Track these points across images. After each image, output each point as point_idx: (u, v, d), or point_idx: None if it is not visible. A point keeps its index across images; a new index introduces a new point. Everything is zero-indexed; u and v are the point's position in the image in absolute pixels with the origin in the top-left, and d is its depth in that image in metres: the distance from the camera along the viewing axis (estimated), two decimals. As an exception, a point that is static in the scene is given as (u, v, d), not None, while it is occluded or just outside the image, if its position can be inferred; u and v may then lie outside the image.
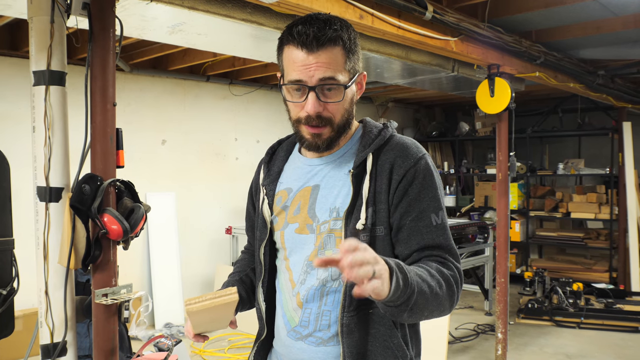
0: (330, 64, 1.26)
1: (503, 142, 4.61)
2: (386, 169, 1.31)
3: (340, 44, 1.27)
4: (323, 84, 1.26)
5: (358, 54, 1.35)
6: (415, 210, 1.29)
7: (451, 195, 8.56)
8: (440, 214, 1.31)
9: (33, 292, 2.09)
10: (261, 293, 1.46)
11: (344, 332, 1.28)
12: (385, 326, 1.29)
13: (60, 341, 2.04)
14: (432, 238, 1.28)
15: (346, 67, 1.29)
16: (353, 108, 1.37)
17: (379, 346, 1.28)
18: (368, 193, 1.30)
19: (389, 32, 3.20)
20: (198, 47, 3.59)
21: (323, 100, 1.28)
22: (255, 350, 1.50)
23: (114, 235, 2.02)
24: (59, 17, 2.02)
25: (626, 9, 4.04)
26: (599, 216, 7.29)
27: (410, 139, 1.38)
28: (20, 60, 4.67)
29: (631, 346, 5.14)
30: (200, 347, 4.98)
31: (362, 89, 1.40)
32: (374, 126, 1.41)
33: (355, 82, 1.34)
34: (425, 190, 1.30)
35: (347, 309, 1.28)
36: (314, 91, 1.26)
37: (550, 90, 6.75)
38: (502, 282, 4.59)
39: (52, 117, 2.01)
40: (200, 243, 6.21)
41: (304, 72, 1.26)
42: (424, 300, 1.15)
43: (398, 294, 1.07)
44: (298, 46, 1.26)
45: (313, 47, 1.24)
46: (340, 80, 1.27)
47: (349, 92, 1.32)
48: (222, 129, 6.39)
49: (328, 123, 1.31)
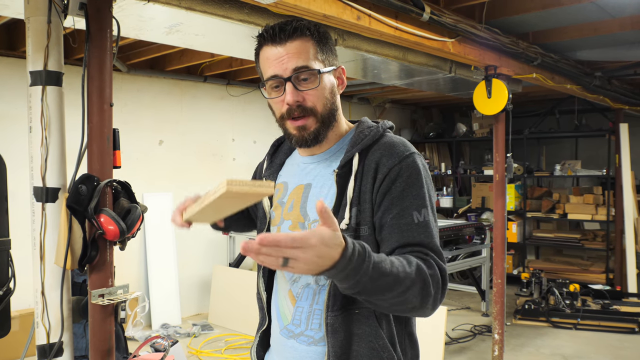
0: (300, 53, 1.29)
1: (500, 143, 4.62)
2: (372, 168, 1.30)
3: (308, 34, 1.31)
4: (297, 73, 1.29)
5: (330, 47, 1.37)
6: (396, 208, 1.26)
7: (448, 196, 8.57)
8: (423, 211, 1.27)
9: (29, 293, 2.09)
10: (262, 283, 1.48)
11: (329, 332, 1.28)
12: (371, 327, 1.27)
13: (56, 342, 2.04)
14: (412, 236, 1.24)
15: (319, 57, 1.32)
16: (335, 99, 1.37)
17: (364, 347, 1.27)
18: (353, 193, 1.30)
19: (386, 33, 3.20)
20: (195, 47, 3.59)
21: (300, 90, 1.30)
22: (258, 341, 1.52)
23: (110, 236, 2.01)
24: (55, 17, 2.02)
25: (623, 11, 4.05)
26: (595, 217, 7.31)
27: (400, 138, 1.37)
28: (17, 60, 4.66)
29: (628, 347, 5.15)
30: (197, 347, 4.98)
31: (343, 84, 1.41)
32: (367, 126, 1.40)
33: (332, 73, 1.36)
34: (410, 189, 1.27)
35: (332, 309, 1.28)
36: (290, 81, 1.29)
37: (547, 92, 6.77)
38: (499, 283, 4.60)
39: (48, 117, 2.00)
40: (197, 244, 6.21)
41: (278, 66, 1.29)
42: (383, 283, 1.09)
43: (345, 274, 1.04)
44: (268, 43, 1.31)
45: (281, 39, 1.29)
46: (313, 67, 1.30)
47: (327, 81, 1.34)
48: (219, 129, 6.38)
49: (311, 113, 1.32)
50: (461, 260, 6.51)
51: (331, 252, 1.00)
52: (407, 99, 8.24)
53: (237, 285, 5.62)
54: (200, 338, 5.31)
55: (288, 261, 0.96)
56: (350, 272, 1.04)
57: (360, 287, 1.07)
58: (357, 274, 1.04)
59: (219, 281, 5.87)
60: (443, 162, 8.78)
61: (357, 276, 1.05)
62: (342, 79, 1.41)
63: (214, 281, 5.93)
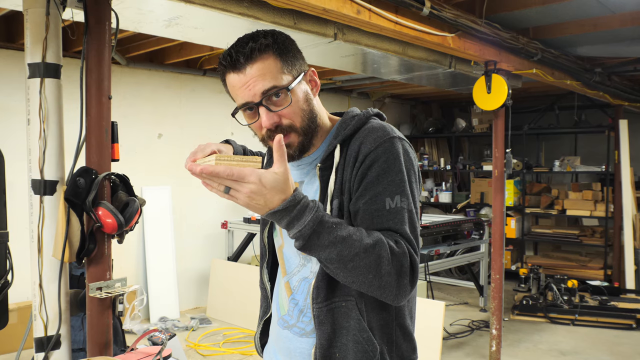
0: (265, 74, 1.23)
1: (499, 139, 4.62)
2: (352, 157, 1.27)
3: (269, 50, 1.24)
4: (266, 95, 1.24)
5: (295, 53, 1.30)
6: (370, 193, 1.22)
7: (447, 192, 8.57)
8: (396, 198, 1.21)
9: (27, 285, 2.09)
10: (266, 273, 1.50)
11: (316, 324, 1.29)
12: (355, 320, 1.27)
13: (54, 334, 2.04)
14: (381, 222, 1.21)
15: (285, 71, 1.26)
16: (312, 106, 1.33)
17: (350, 339, 1.27)
18: (334, 185, 1.29)
19: (386, 28, 3.19)
20: (194, 41, 3.58)
21: (274, 111, 1.26)
22: (261, 330, 1.54)
23: (108, 229, 2.01)
24: (54, 10, 2.01)
25: (624, 7, 4.04)
26: (594, 213, 7.32)
27: (383, 123, 1.32)
28: (15, 52, 4.65)
29: (625, 343, 5.17)
30: (194, 341, 4.98)
31: (317, 86, 1.36)
32: (350, 116, 1.36)
33: (300, 81, 1.30)
34: (385, 174, 1.23)
35: (316, 300, 1.29)
36: (262, 105, 1.25)
37: (547, 88, 6.76)
38: (497, 279, 4.61)
39: (47, 109, 2.00)
40: (195, 237, 6.21)
41: (246, 93, 1.25)
42: (329, 241, 1.12)
43: (298, 226, 1.10)
44: (230, 71, 1.26)
45: (241, 64, 1.23)
46: (282, 85, 1.25)
47: (299, 92, 1.29)
48: (218, 123, 6.37)
49: (291, 130, 1.28)
50: (459, 255, 6.52)
51: (271, 195, 1.08)
52: (407, 93, 8.23)
53: (235, 279, 5.63)
54: (198, 331, 5.32)
55: (230, 190, 1.08)
56: (293, 220, 1.10)
57: (305, 240, 1.11)
58: (299, 223, 1.10)
59: (217, 275, 5.87)
60: (442, 157, 8.78)
61: (300, 226, 1.10)
62: (314, 81, 1.36)
63: (212, 275, 5.94)
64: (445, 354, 4.80)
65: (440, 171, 8.78)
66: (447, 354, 4.83)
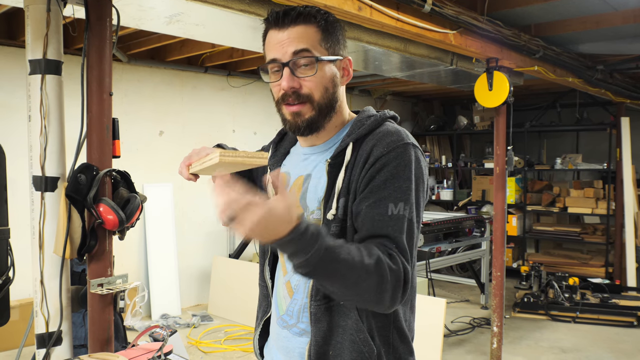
0: (302, 38, 1.26)
1: (501, 136, 4.61)
2: (363, 158, 1.26)
3: (314, 21, 1.28)
4: (296, 57, 1.26)
5: (338, 37, 1.33)
6: (374, 197, 1.21)
7: (449, 189, 8.58)
8: (400, 205, 1.20)
9: (29, 282, 2.09)
10: (267, 271, 1.48)
11: (312, 321, 1.28)
12: (352, 319, 1.26)
13: (55, 331, 2.04)
14: (380, 227, 1.18)
15: (322, 45, 1.28)
16: (336, 90, 1.33)
17: (346, 339, 1.26)
18: (342, 183, 1.27)
19: (388, 25, 3.19)
20: (196, 37, 3.58)
21: (298, 76, 1.27)
22: (261, 330, 1.52)
23: (109, 225, 2.01)
24: (55, 6, 2.01)
25: (626, 4, 4.04)
26: (595, 211, 7.31)
27: (398, 128, 1.31)
28: (17, 49, 4.64)
29: (626, 341, 5.17)
30: (196, 338, 4.99)
31: (348, 76, 1.37)
32: (367, 115, 1.36)
33: (335, 63, 1.31)
34: (393, 179, 1.21)
35: (314, 298, 1.28)
36: (287, 66, 1.26)
37: (548, 85, 6.75)
38: (499, 276, 4.60)
39: (48, 106, 2.00)
40: (197, 234, 6.22)
41: (278, 50, 1.27)
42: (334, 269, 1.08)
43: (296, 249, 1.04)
44: (272, 27, 1.29)
45: (285, 23, 1.27)
46: (314, 54, 1.27)
47: (328, 70, 1.30)
48: (220, 120, 6.37)
49: (307, 100, 1.29)
50: (461, 253, 6.52)
51: (277, 225, 1.01)
52: (408, 91, 8.22)
53: (237, 276, 5.63)
54: (199, 328, 5.33)
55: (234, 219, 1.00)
56: (299, 250, 1.04)
57: (310, 268, 1.06)
58: (306, 253, 1.04)
59: (219, 272, 5.88)
60: (444, 154, 8.78)
61: (307, 255, 1.04)
62: (347, 70, 1.36)
63: (213, 272, 5.94)
64: (446, 351, 4.81)
65: (441, 169, 8.77)
66: (448, 351, 4.83)
